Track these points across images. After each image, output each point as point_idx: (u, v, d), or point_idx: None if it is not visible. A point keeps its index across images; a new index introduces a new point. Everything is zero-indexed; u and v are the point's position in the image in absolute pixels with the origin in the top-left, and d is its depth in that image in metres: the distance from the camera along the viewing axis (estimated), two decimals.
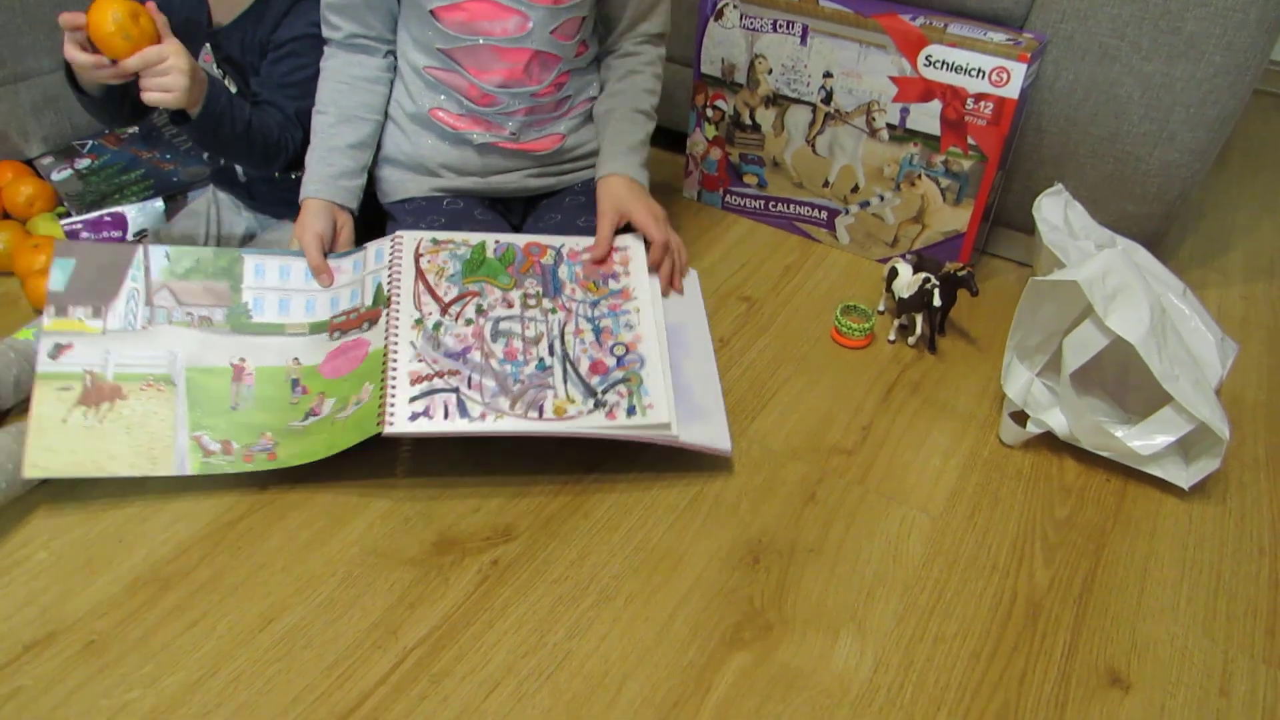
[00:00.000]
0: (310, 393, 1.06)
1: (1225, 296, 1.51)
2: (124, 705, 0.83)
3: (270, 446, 1.02)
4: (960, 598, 0.98)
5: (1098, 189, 1.38)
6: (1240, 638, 0.96)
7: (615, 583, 0.97)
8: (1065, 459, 1.16)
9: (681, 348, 1.15)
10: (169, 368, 1.05)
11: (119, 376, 1.03)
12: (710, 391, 1.13)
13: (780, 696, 0.87)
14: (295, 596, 0.93)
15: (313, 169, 1.18)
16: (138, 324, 1.06)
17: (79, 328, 1.04)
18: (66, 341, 1.03)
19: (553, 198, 1.30)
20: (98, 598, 0.92)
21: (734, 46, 1.46)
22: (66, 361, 1.02)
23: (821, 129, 1.45)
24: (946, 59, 1.29)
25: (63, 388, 1.01)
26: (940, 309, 1.28)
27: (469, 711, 0.84)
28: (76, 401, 1.00)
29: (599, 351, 1.08)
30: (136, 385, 1.03)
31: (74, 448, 0.98)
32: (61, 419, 0.99)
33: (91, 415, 1.00)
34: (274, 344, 1.10)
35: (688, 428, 1.06)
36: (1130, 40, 1.26)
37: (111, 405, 1.01)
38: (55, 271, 1.06)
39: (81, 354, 1.03)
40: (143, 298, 1.07)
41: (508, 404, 1.02)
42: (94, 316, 1.05)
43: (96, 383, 1.02)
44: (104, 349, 1.04)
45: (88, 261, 1.08)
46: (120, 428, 1.00)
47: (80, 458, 0.97)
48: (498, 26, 1.13)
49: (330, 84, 1.19)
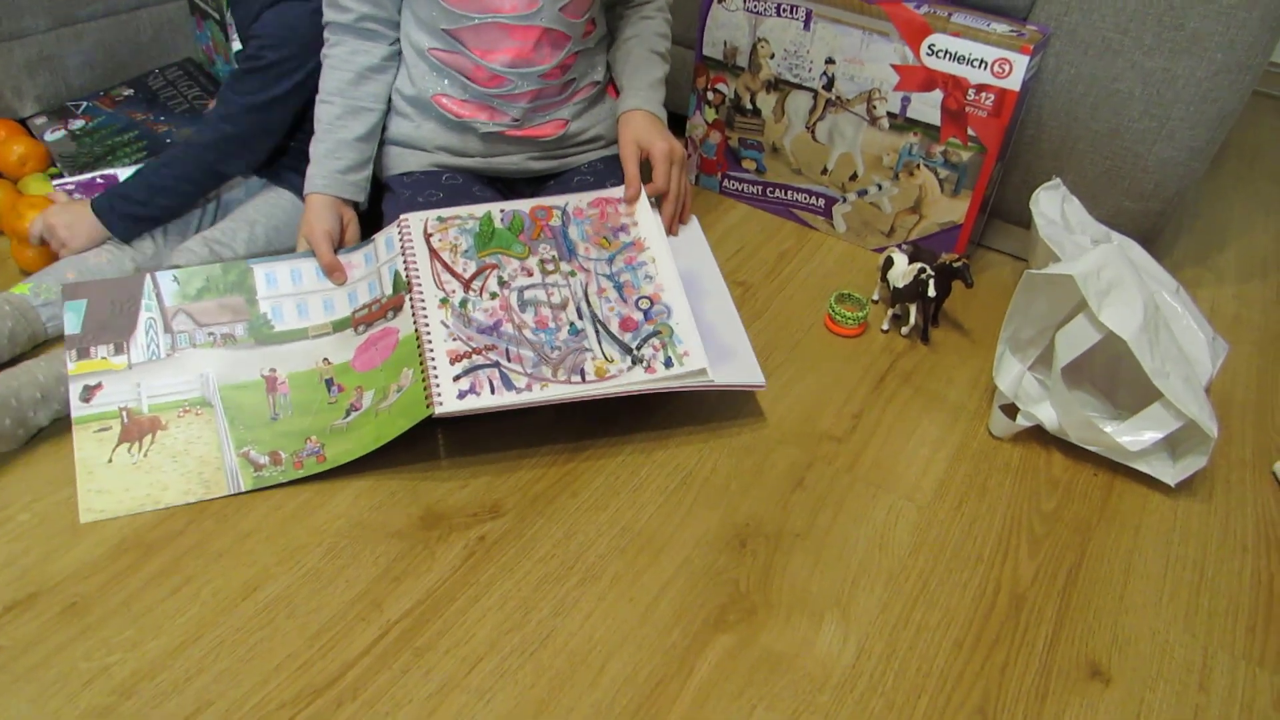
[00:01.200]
0: (347, 389, 1.06)
1: (1218, 296, 1.52)
2: (105, 668, 0.83)
3: (318, 449, 1.02)
4: (945, 587, 0.98)
5: (1095, 184, 1.38)
6: (1221, 634, 0.96)
7: (601, 562, 0.97)
8: (1054, 452, 1.16)
9: (699, 291, 1.15)
10: (202, 390, 1.05)
11: (154, 408, 1.03)
12: (734, 330, 1.14)
13: (763, 680, 0.87)
14: (280, 566, 0.93)
15: (319, 163, 1.15)
16: (161, 353, 1.06)
17: (105, 366, 1.04)
18: (95, 382, 1.03)
19: (559, 178, 1.29)
20: (81, 560, 0.92)
21: (737, 29, 1.46)
22: (99, 402, 1.02)
23: (822, 115, 1.45)
24: (949, 48, 1.29)
25: (101, 429, 1.01)
26: (935, 300, 1.27)
27: (451, 685, 0.84)
28: (118, 441, 1.01)
29: (625, 307, 1.09)
30: (174, 413, 1.03)
31: (126, 486, 0.98)
32: (106, 460, 0.99)
33: (135, 451, 1.00)
34: (300, 349, 1.10)
35: (719, 368, 1.07)
36: (1133, 35, 1.26)
37: (153, 438, 1.01)
38: (68, 314, 1.06)
39: (113, 392, 1.03)
40: (161, 325, 1.07)
41: (550, 372, 1.02)
42: (117, 353, 1.05)
43: (133, 418, 1.02)
44: (134, 383, 1.04)
45: (99, 299, 1.08)
46: (166, 458, 1.00)
47: (134, 495, 0.97)
48: (506, 3, 1.12)
49: (336, 73, 1.16)
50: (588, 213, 1.17)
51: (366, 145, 1.19)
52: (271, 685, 0.83)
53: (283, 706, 0.81)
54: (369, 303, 1.10)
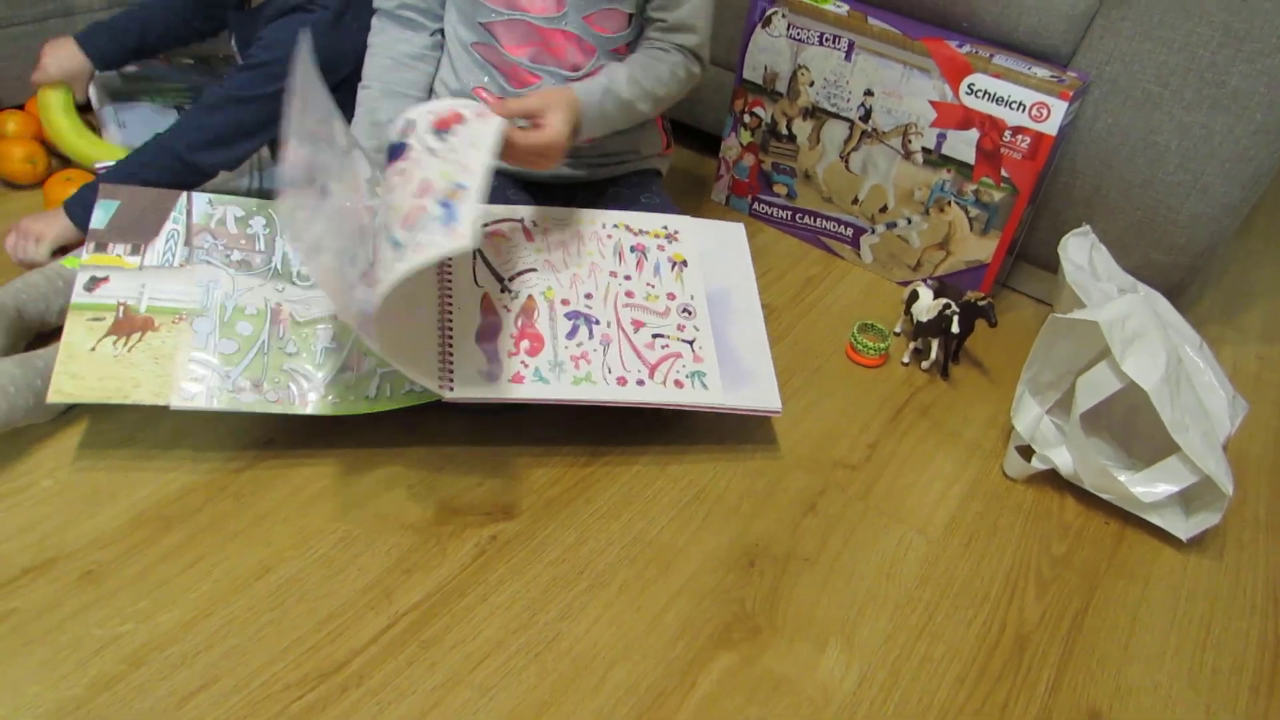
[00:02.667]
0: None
1: (1240, 355, 1.52)
2: (117, 637, 0.84)
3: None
4: (950, 622, 0.98)
5: (1125, 234, 1.39)
6: (1224, 693, 0.96)
7: (610, 571, 0.97)
8: (1067, 498, 1.16)
9: (728, 311, 1.15)
10: (204, 302, 1.04)
11: (151, 309, 1.02)
12: (758, 354, 1.14)
13: (763, 700, 0.88)
14: (294, 549, 0.94)
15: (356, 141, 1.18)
16: (175, 262, 1.06)
17: (117, 263, 1.04)
18: (103, 275, 1.03)
19: (593, 190, 1.30)
20: (99, 529, 0.93)
21: (778, 55, 1.47)
22: (101, 294, 1.02)
23: (857, 146, 1.46)
24: (989, 89, 1.30)
25: (95, 318, 1.00)
26: (958, 336, 1.28)
27: (455, 680, 0.85)
28: (106, 331, 0.99)
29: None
30: (169, 318, 1.02)
31: (100, 375, 0.96)
32: (90, 348, 0.98)
33: (120, 345, 0.99)
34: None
35: (736, 391, 1.08)
36: (1173, 89, 1.27)
37: (141, 336, 1.00)
38: (98, 211, 1.06)
39: (117, 287, 1.02)
40: (182, 238, 1.08)
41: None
42: (132, 253, 1.05)
43: (128, 314, 1.01)
44: (140, 283, 1.03)
45: (131, 203, 1.08)
46: (148, 357, 0.99)
47: (105, 384, 0.96)
48: (535, 4, 1.14)
49: (377, 59, 1.20)
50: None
51: None
52: (279, 666, 0.83)
53: (288, 688, 0.82)
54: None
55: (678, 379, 1.07)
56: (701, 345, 1.10)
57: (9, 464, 0.98)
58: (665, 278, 1.14)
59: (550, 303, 1.09)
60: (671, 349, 1.09)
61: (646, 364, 1.07)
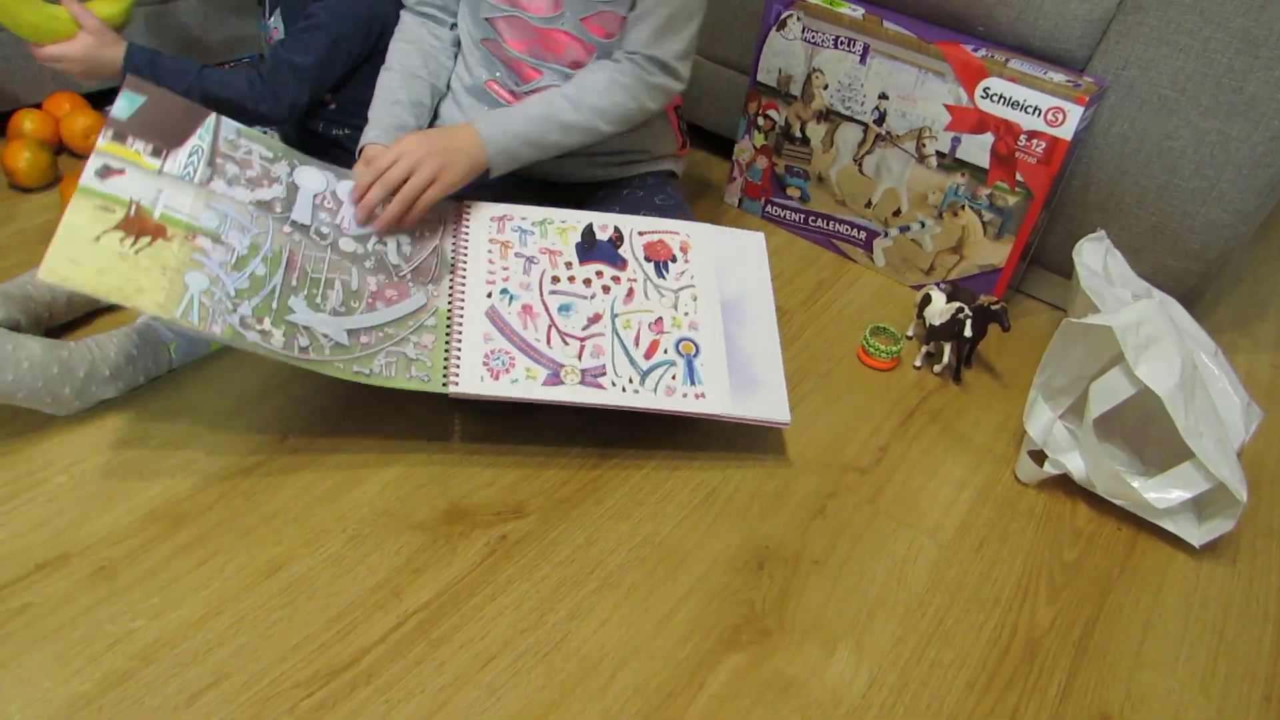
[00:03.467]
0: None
1: (1255, 362, 1.51)
2: (128, 632, 0.84)
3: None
4: (960, 627, 0.98)
5: (1140, 240, 1.38)
6: (1236, 700, 0.96)
7: (620, 571, 0.97)
8: (1079, 503, 1.15)
9: (741, 320, 1.14)
10: (220, 227, 0.99)
11: (166, 218, 0.96)
12: (770, 363, 1.12)
13: (771, 701, 0.88)
14: (304, 548, 0.94)
15: (374, 118, 1.18)
16: (196, 178, 1.00)
17: (135, 158, 0.97)
18: (119, 167, 0.96)
19: (608, 190, 1.30)
20: (112, 526, 0.93)
21: (793, 58, 1.47)
22: (114, 185, 0.95)
23: (870, 149, 1.46)
24: (1004, 93, 1.29)
25: (104, 207, 0.93)
26: (970, 340, 1.28)
27: (463, 680, 0.85)
28: (115, 225, 0.92)
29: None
30: (183, 233, 0.96)
31: (102, 268, 0.89)
32: (94, 236, 0.91)
33: (128, 244, 0.92)
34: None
35: (746, 401, 1.08)
36: (1190, 95, 1.26)
37: (151, 241, 0.94)
38: (121, 101, 0.99)
39: (132, 183, 0.96)
40: (205, 157, 1.02)
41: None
42: (153, 155, 0.99)
43: (141, 215, 0.94)
44: (157, 188, 0.97)
45: (158, 103, 1.02)
46: (157, 266, 0.92)
47: (106, 279, 0.89)
48: (534, 3, 1.15)
49: (399, 44, 1.23)
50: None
51: (419, 110, 1.21)
52: (289, 663, 0.84)
53: (298, 685, 0.82)
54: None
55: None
56: (712, 353, 1.09)
57: (25, 460, 0.99)
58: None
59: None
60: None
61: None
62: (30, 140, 1.39)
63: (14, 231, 1.31)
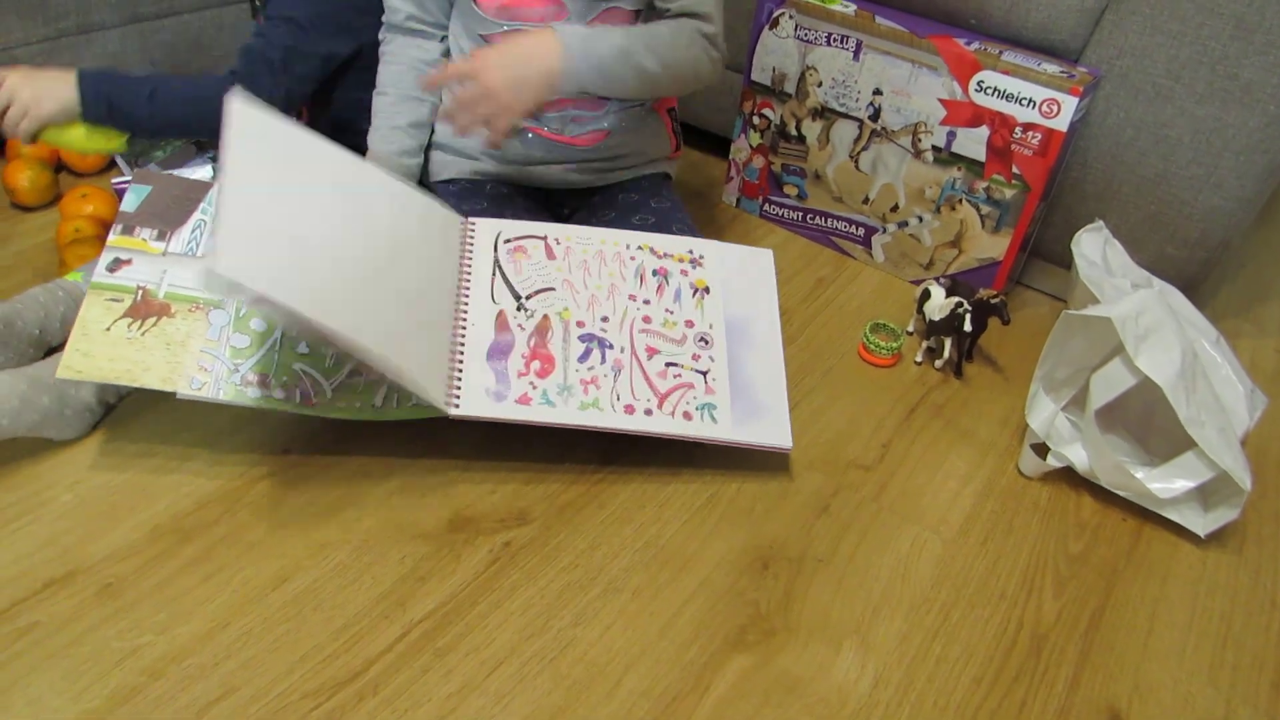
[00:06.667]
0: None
1: (1259, 349, 1.50)
2: (135, 649, 0.85)
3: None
4: (966, 622, 0.98)
5: (1139, 229, 1.38)
6: (1244, 688, 0.95)
7: (624, 575, 0.97)
8: (1083, 495, 1.15)
9: (746, 341, 1.14)
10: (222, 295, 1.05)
11: (170, 295, 1.03)
12: (773, 387, 1.11)
13: (778, 701, 0.88)
14: (309, 559, 0.95)
15: (374, 147, 1.21)
16: (199, 251, 1.07)
17: (141, 246, 1.06)
18: (126, 258, 1.04)
19: (603, 194, 1.30)
20: (118, 543, 0.94)
21: (786, 56, 1.47)
22: (122, 276, 1.03)
23: (866, 145, 1.46)
24: (998, 86, 1.29)
25: (113, 299, 1.01)
26: (970, 335, 1.28)
27: (470, 688, 0.85)
28: (123, 313, 1.01)
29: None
30: (186, 306, 1.03)
31: (111, 356, 0.98)
32: (105, 328, 0.99)
33: (135, 328, 1.00)
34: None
35: (748, 426, 1.07)
36: (1185, 82, 1.26)
37: (156, 321, 1.01)
38: (130, 195, 1.08)
39: (138, 271, 1.04)
40: (209, 230, 1.08)
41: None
42: (158, 239, 1.06)
43: (147, 298, 1.02)
44: (161, 269, 1.05)
45: (163, 190, 1.10)
46: (161, 343, 1.00)
47: (115, 365, 0.97)
48: (535, 13, 1.14)
49: (390, 67, 1.22)
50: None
51: (419, 132, 1.23)
52: (296, 676, 0.84)
53: (305, 697, 0.83)
54: None
55: (687, 410, 1.06)
56: (715, 377, 1.09)
57: (30, 479, 0.99)
58: (685, 304, 1.14)
59: (565, 324, 1.09)
60: (684, 379, 1.08)
61: (657, 393, 1.06)
62: (31, 159, 1.40)
63: (15, 251, 1.32)
